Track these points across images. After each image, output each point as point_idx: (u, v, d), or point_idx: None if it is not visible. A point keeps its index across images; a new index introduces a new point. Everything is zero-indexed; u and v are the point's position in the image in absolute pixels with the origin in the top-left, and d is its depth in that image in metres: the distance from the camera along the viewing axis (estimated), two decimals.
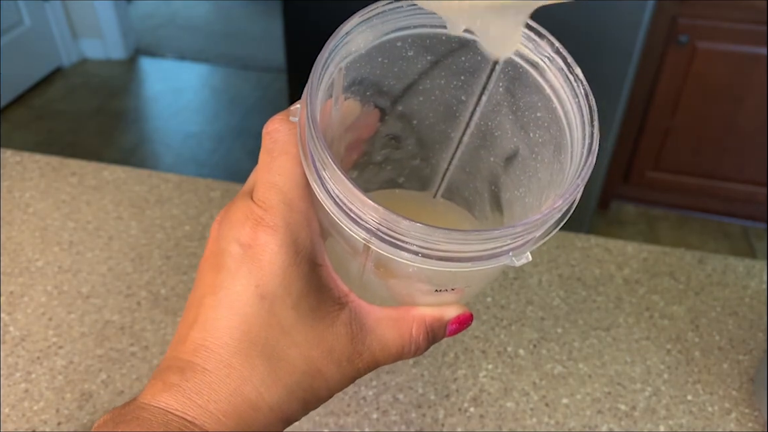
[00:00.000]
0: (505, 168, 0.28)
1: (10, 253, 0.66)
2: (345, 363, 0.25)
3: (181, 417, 0.22)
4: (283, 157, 0.24)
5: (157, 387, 0.23)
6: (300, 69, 1.66)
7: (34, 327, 0.59)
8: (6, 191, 0.74)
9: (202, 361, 0.23)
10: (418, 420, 0.53)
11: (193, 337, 0.24)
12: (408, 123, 0.29)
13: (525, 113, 0.26)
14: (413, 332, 0.27)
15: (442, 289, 0.25)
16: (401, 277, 0.24)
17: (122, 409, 0.23)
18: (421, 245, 0.21)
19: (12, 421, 0.51)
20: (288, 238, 0.23)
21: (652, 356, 0.59)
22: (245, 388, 0.23)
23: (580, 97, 0.23)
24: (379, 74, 0.26)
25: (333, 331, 0.25)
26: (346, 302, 0.26)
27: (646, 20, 1.31)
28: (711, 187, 1.83)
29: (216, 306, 0.24)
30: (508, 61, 0.25)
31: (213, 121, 2.38)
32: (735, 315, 0.63)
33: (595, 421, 0.54)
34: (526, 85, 0.25)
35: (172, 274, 0.64)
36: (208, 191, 0.75)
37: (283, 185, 0.24)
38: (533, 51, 0.24)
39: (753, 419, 0.54)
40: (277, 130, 0.24)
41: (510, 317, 0.62)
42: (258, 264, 0.23)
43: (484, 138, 0.28)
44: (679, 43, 1.58)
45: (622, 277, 0.67)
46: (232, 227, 0.24)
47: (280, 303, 0.23)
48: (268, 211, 0.24)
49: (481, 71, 0.26)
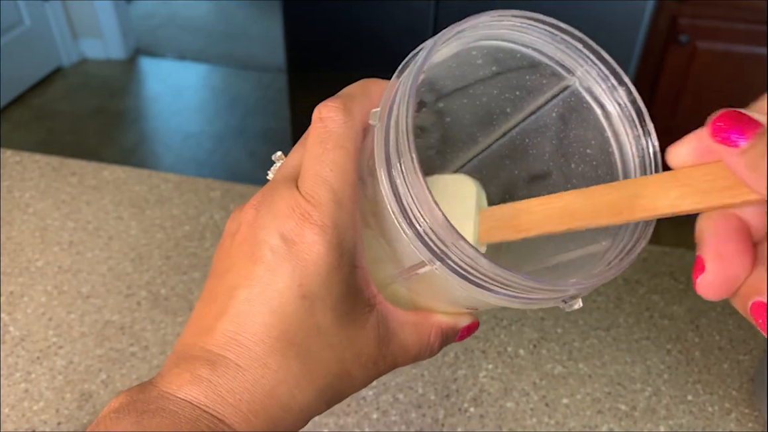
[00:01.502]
0: (528, 184, 0.28)
1: (10, 253, 0.66)
2: (371, 365, 0.25)
3: (212, 414, 0.21)
4: (337, 151, 0.23)
5: (184, 378, 0.22)
6: (300, 69, 1.66)
7: (34, 327, 0.59)
8: (6, 191, 0.74)
9: (235, 357, 0.22)
10: (418, 420, 0.53)
11: (222, 329, 0.22)
12: (441, 119, 0.28)
13: (573, 144, 0.26)
14: (431, 338, 0.27)
15: (472, 308, 0.26)
16: (439, 294, 0.24)
17: (141, 394, 0.22)
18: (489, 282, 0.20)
19: (12, 421, 0.51)
20: (335, 240, 0.22)
21: (652, 356, 0.59)
22: (279, 390, 0.22)
23: (646, 155, 0.23)
24: (441, 75, 0.26)
25: (363, 334, 0.24)
26: (375, 304, 0.25)
27: (646, 20, 1.31)
28: None
29: (251, 300, 0.22)
30: (575, 92, 0.25)
31: (213, 121, 2.38)
32: (735, 315, 0.63)
33: (595, 421, 0.54)
34: (584, 120, 0.25)
35: (172, 274, 0.64)
36: (208, 191, 0.75)
37: (334, 182, 0.23)
38: (607, 94, 0.24)
39: (753, 419, 0.54)
40: (332, 119, 0.23)
41: (510, 317, 0.62)
42: (303, 263, 0.22)
43: (515, 150, 0.28)
44: (679, 43, 1.58)
45: (622, 277, 0.67)
46: (275, 217, 0.23)
47: (320, 304, 0.23)
48: (316, 207, 0.22)
49: (541, 93, 0.26)
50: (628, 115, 0.24)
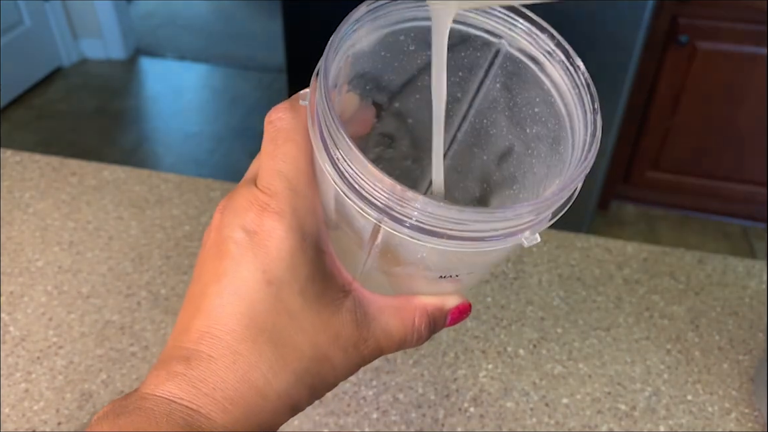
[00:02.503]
0: (498, 166, 0.28)
1: (10, 253, 0.66)
2: (351, 349, 0.25)
3: (186, 406, 0.22)
4: (288, 144, 0.24)
5: (161, 377, 0.22)
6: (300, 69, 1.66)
7: (34, 327, 0.59)
8: (6, 191, 0.74)
9: (207, 349, 0.23)
10: (418, 420, 0.53)
11: (197, 326, 0.23)
12: (403, 122, 0.29)
13: (522, 109, 0.26)
14: (416, 321, 0.27)
15: (446, 275, 0.25)
16: (407, 263, 0.24)
17: (123, 401, 0.22)
18: (436, 224, 0.20)
19: (12, 421, 0.51)
20: (294, 224, 0.23)
21: (652, 356, 0.59)
22: (253, 375, 0.23)
23: (581, 87, 0.23)
24: (380, 68, 0.26)
25: (339, 317, 0.25)
26: (350, 290, 0.26)
27: (646, 20, 1.31)
28: (711, 187, 1.83)
29: (220, 293, 0.23)
30: (508, 55, 0.25)
31: (213, 121, 2.39)
32: (735, 315, 0.63)
33: (595, 421, 0.54)
34: (524, 81, 0.25)
35: (172, 274, 0.65)
36: (208, 191, 0.75)
37: (288, 172, 0.24)
38: (534, 45, 0.24)
39: (753, 419, 0.54)
40: (281, 118, 0.24)
41: (510, 317, 0.62)
42: (264, 250, 0.23)
43: (478, 136, 0.28)
44: (679, 43, 1.58)
45: (622, 277, 0.67)
46: (236, 214, 0.24)
47: (287, 289, 0.23)
48: (273, 197, 0.23)
49: (479, 67, 0.26)
50: (558, 59, 0.24)
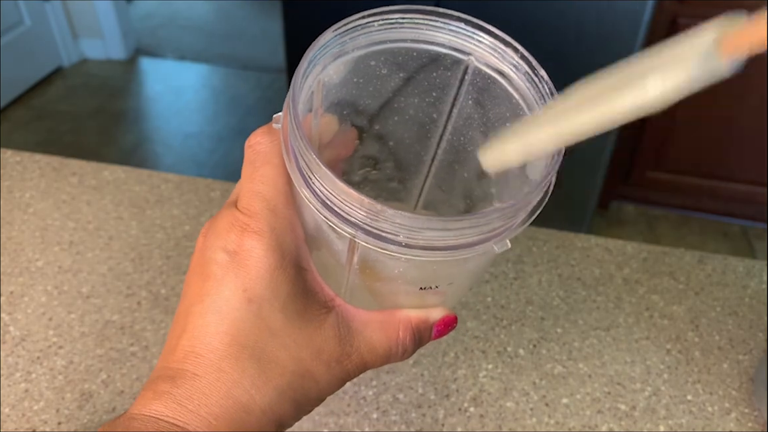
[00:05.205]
0: (479, 182, 0.29)
1: (10, 253, 0.66)
2: (334, 364, 0.25)
3: (172, 423, 0.22)
4: (265, 167, 0.25)
5: (148, 397, 0.23)
6: None
7: (34, 327, 0.59)
8: (6, 191, 0.74)
9: (192, 367, 0.23)
10: (418, 420, 0.53)
11: (182, 346, 0.24)
12: (384, 144, 0.29)
13: (495, 124, 0.26)
14: (400, 334, 0.27)
15: (426, 287, 0.26)
16: (387, 279, 0.25)
17: (113, 423, 0.23)
18: (406, 234, 0.21)
19: (12, 421, 0.51)
20: (273, 242, 0.24)
21: (652, 356, 0.59)
22: (236, 391, 0.23)
23: (546, 97, 0.24)
24: (355, 94, 0.26)
25: (321, 333, 0.25)
26: (333, 306, 0.26)
27: (646, 20, 1.31)
28: (711, 187, 1.83)
29: (203, 313, 0.24)
30: (477, 71, 0.25)
31: (213, 121, 2.38)
32: (735, 315, 0.63)
33: (595, 421, 0.54)
34: (494, 96, 0.26)
35: (172, 274, 0.65)
36: (208, 191, 0.75)
37: (266, 193, 0.24)
38: (500, 60, 0.25)
39: (753, 419, 0.54)
40: (259, 142, 0.25)
41: (510, 317, 0.62)
42: (245, 269, 0.23)
43: (457, 153, 0.29)
44: None
45: (622, 277, 0.67)
46: (218, 236, 0.24)
47: (267, 306, 0.24)
48: (252, 217, 0.24)
49: (451, 86, 0.26)
50: (524, 71, 0.24)
